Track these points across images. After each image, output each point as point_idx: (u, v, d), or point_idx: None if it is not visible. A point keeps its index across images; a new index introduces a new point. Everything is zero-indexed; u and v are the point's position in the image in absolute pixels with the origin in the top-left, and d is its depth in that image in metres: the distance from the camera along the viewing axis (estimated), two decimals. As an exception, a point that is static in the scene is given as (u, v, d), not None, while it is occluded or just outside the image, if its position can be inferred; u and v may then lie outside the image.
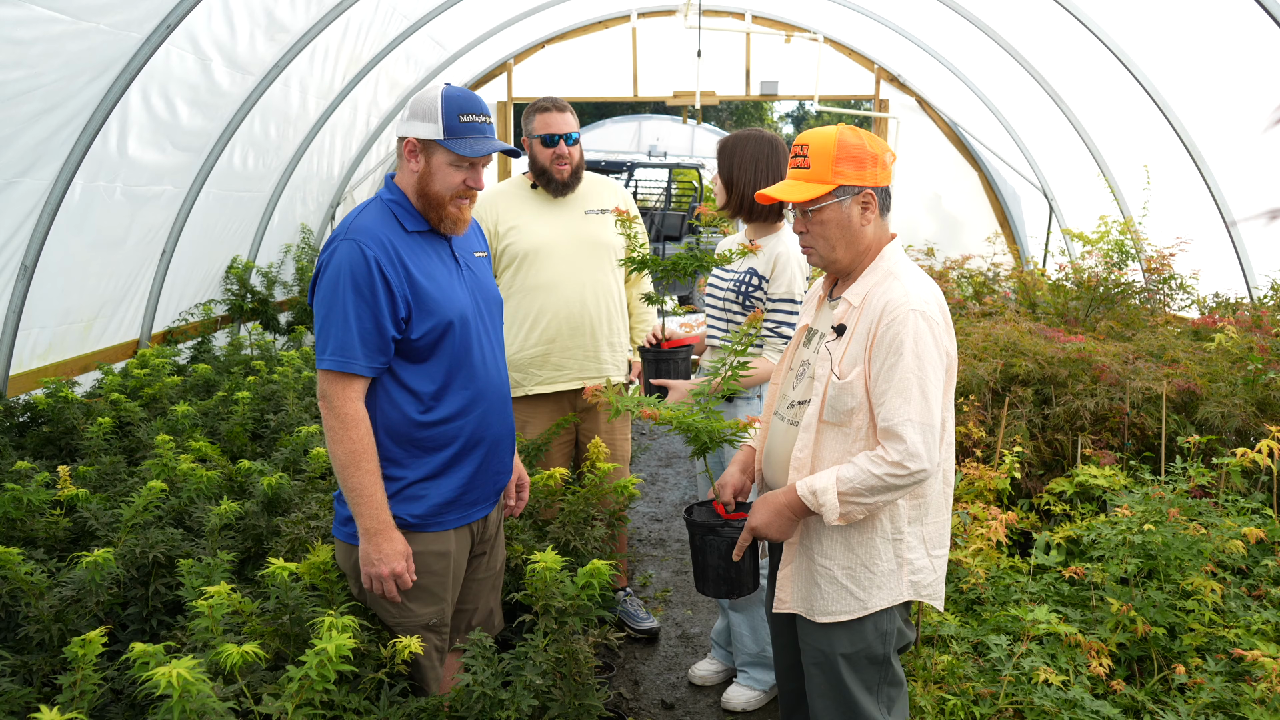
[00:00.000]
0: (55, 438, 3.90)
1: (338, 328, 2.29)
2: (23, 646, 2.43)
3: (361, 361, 2.30)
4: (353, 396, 2.31)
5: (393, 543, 2.34)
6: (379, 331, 2.30)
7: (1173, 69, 5.49)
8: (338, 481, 2.36)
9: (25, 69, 3.65)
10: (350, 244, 2.31)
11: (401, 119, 2.41)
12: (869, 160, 2.22)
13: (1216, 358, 4.28)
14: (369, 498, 2.31)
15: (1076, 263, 6.05)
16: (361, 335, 2.29)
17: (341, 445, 2.30)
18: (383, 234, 2.34)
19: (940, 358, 2.16)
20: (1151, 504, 3.08)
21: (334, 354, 2.29)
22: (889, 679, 2.31)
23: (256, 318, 6.52)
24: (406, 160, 2.40)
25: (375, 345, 2.31)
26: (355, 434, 2.30)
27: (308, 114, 6.52)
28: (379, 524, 2.32)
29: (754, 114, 33.36)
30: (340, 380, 2.30)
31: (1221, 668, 2.66)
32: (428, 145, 2.37)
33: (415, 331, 2.36)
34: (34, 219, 4.19)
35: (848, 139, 2.23)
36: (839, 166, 2.22)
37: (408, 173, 2.41)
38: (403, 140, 2.40)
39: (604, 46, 8.89)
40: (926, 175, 8.82)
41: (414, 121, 2.36)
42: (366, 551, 2.33)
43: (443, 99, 2.34)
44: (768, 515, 2.27)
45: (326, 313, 2.31)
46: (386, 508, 2.34)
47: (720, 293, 3.38)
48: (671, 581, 4.79)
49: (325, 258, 2.35)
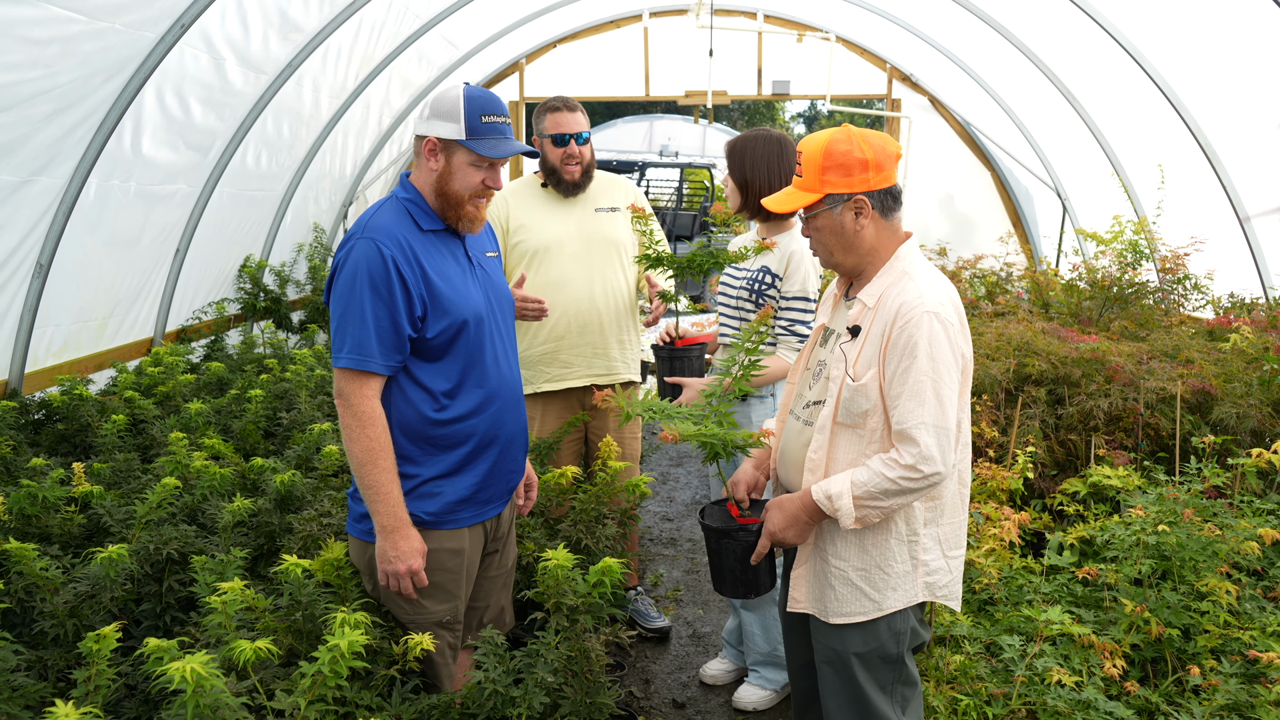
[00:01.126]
0: (70, 435, 3.93)
1: (355, 326, 2.29)
2: (38, 642, 2.44)
3: (378, 360, 2.30)
4: (369, 394, 2.31)
5: (409, 540, 2.34)
6: (395, 330, 2.31)
7: (1187, 67, 5.46)
8: (354, 479, 2.37)
9: (41, 69, 3.67)
10: (367, 243, 2.31)
11: (421, 117, 2.40)
12: (858, 166, 2.20)
13: (1231, 358, 4.26)
14: (386, 495, 2.31)
15: (1090, 262, 6.02)
16: (378, 334, 2.29)
17: (358, 443, 2.30)
18: (399, 233, 2.34)
19: (955, 360, 2.14)
20: (1166, 505, 3.06)
21: (351, 352, 2.29)
22: (903, 678, 2.30)
23: (269, 316, 6.55)
24: (425, 159, 2.39)
25: (392, 344, 2.31)
26: (372, 432, 2.30)
27: (320, 113, 6.54)
28: (396, 521, 2.33)
29: (766, 114, 33.30)
30: (357, 378, 2.30)
31: (1236, 669, 2.64)
32: (448, 145, 2.36)
33: (430, 330, 2.36)
34: (49, 218, 4.22)
35: (836, 146, 2.21)
36: (825, 175, 2.22)
37: (426, 171, 2.41)
38: (422, 139, 2.39)
39: (616, 46, 8.89)
40: (939, 175, 8.79)
41: (435, 120, 2.35)
42: (383, 549, 2.34)
43: (465, 99, 2.33)
44: (784, 520, 2.27)
45: (343, 311, 2.31)
46: (403, 505, 2.35)
47: (733, 291, 3.38)
48: (683, 581, 4.79)
49: (342, 256, 2.35)
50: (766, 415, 3.35)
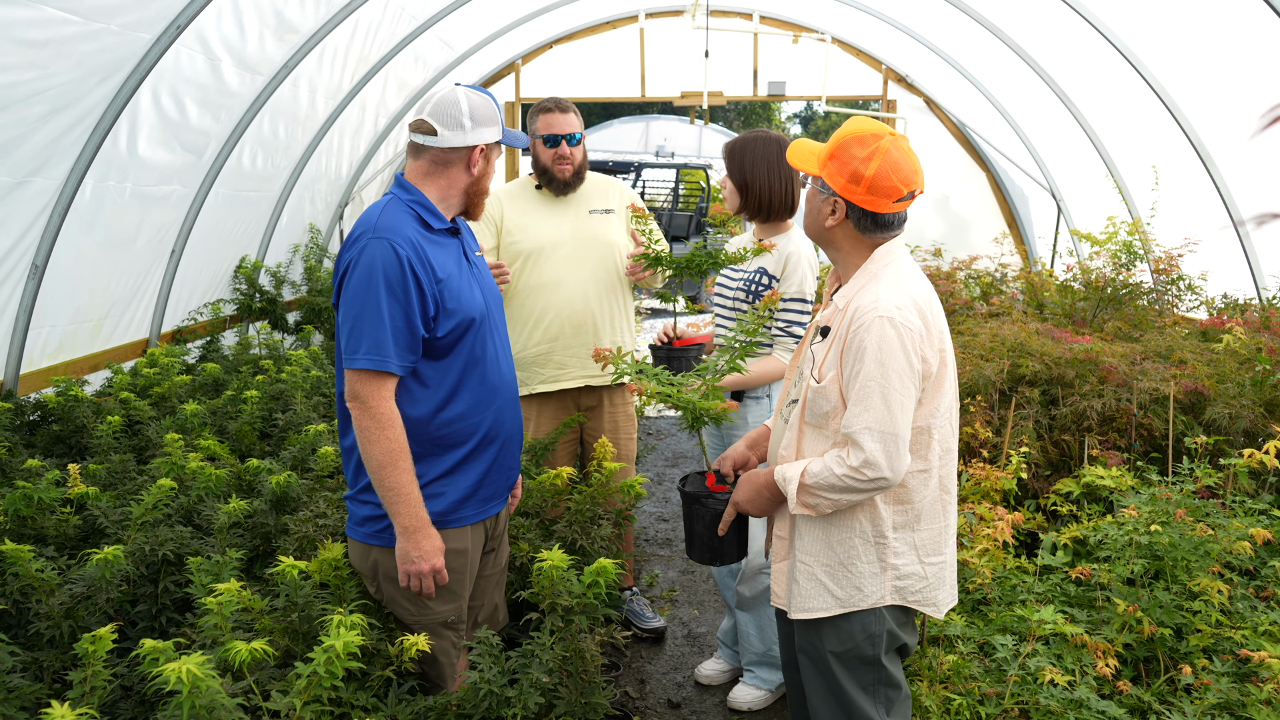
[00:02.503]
0: (65, 436, 3.93)
1: (371, 326, 2.28)
2: (34, 643, 2.44)
3: (395, 361, 2.30)
4: (386, 396, 2.31)
5: (431, 539, 2.36)
6: (410, 331, 2.32)
7: (1181, 69, 5.48)
8: (369, 481, 2.36)
9: (37, 70, 3.67)
10: (381, 243, 2.30)
11: (464, 129, 2.40)
12: (852, 175, 2.17)
13: (1224, 358, 4.27)
14: (406, 496, 2.32)
15: (1084, 263, 6.04)
16: (395, 334, 2.29)
17: (378, 445, 2.30)
18: (410, 233, 2.35)
19: (910, 366, 2.11)
20: (1158, 505, 3.07)
21: (369, 353, 2.28)
22: (884, 680, 2.30)
23: (265, 317, 6.54)
24: (467, 165, 2.45)
25: (407, 344, 2.32)
26: (391, 433, 2.30)
27: (316, 114, 6.54)
28: (417, 521, 2.33)
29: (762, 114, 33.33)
30: (375, 380, 2.30)
31: (1228, 668, 2.66)
32: (490, 147, 2.48)
33: (440, 330, 2.38)
34: (45, 219, 4.22)
35: (850, 145, 2.18)
36: (829, 160, 2.22)
37: (460, 176, 2.46)
38: (459, 149, 2.42)
39: (612, 47, 8.90)
40: (934, 176, 8.80)
41: (481, 129, 2.43)
42: (405, 549, 2.34)
43: (496, 103, 2.47)
44: (750, 493, 2.35)
45: (359, 311, 2.30)
46: (423, 505, 2.36)
47: (729, 292, 3.39)
48: (678, 581, 4.80)
49: (353, 256, 2.33)
50: (764, 416, 3.36)
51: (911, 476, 2.21)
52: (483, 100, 2.43)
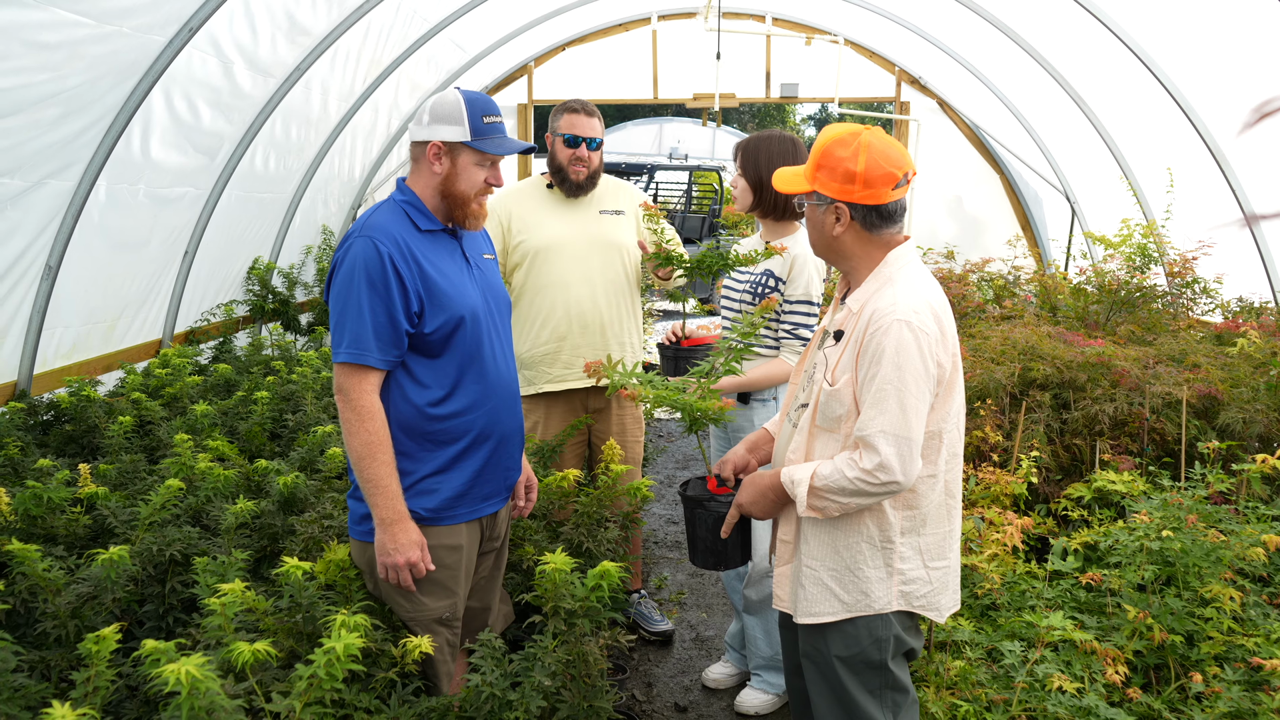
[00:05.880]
0: (78, 436, 3.95)
1: (353, 321, 2.34)
2: (40, 642, 2.46)
3: (375, 354, 2.34)
4: (368, 389, 2.35)
5: (408, 532, 2.38)
6: (392, 325, 2.35)
7: (1196, 70, 5.43)
8: (354, 474, 2.40)
9: (50, 73, 3.70)
10: (364, 240, 2.36)
11: (419, 124, 2.47)
12: (845, 175, 2.17)
13: (1239, 363, 4.23)
14: (384, 488, 2.35)
15: (1098, 266, 6.00)
16: (375, 328, 2.34)
17: (358, 437, 2.34)
18: (396, 231, 2.40)
19: (926, 369, 2.10)
20: (1170, 510, 3.04)
21: (349, 347, 2.34)
22: (891, 684, 2.29)
23: (277, 318, 6.58)
24: (429, 163, 2.46)
25: (389, 338, 2.35)
26: (371, 426, 2.34)
27: (329, 116, 6.57)
28: (394, 514, 2.36)
29: (775, 116, 33.29)
30: (356, 373, 2.34)
31: (1240, 676, 2.63)
32: (453, 147, 2.44)
33: (429, 325, 2.40)
34: (59, 220, 4.25)
35: (834, 149, 2.18)
36: (817, 173, 2.22)
37: (429, 175, 2.47)
38: (423, 144, 2.46)
39: (624, 49, 8.91)
40: (948, 177, 8.77)
41: (437, 125, 2.43)
42: (382, 541, 2.37)
43: (465, 103, 2.42)
44: (754, 494, 2.33)
45: (342, 308, 2.36)
46: (402, 498, 2.39)
47: (736, 294, 3.38)
48: (687, 584, 4.79)
49: (340, 255, 2.41)
50: (769, 418, 3.35)
51: (919, 481, 2.19)
52: (454, 98, 2.43)
